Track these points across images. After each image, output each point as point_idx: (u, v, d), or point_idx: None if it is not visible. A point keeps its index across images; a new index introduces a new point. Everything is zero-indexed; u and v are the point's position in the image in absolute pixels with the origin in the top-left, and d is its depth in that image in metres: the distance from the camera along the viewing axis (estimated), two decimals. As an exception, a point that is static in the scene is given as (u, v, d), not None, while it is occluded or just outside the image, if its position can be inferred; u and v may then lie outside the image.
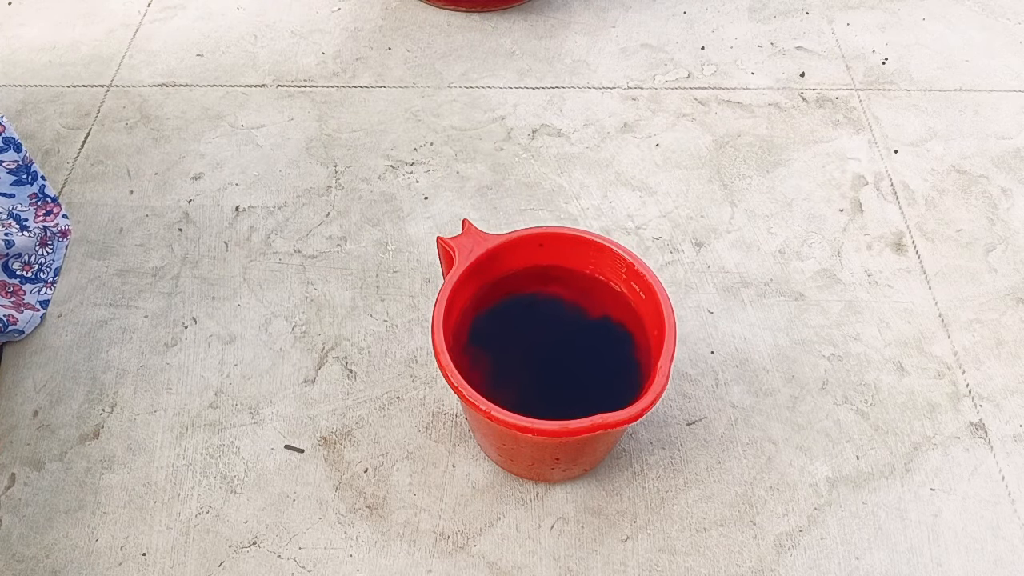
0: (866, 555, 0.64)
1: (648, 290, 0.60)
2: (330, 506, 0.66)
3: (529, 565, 0.63)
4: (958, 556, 0.64)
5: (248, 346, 0.75)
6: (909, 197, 0.88)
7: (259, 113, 0.96)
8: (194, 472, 0.68)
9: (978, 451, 0.70)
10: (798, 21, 1.07)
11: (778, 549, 0.64)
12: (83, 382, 0.73)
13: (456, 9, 1.08)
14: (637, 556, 0.64)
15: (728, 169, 0.90)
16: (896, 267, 0.82)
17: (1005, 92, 0.98)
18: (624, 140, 0.93)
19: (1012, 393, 0.73)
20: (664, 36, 1.05)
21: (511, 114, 0.95)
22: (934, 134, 0.94)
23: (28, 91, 0.98)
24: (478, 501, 0.67)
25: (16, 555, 0.64)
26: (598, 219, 0.85)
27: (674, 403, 0.72)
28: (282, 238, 0.84)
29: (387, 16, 1.08)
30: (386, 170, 0.90)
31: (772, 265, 0.82)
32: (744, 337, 0.76)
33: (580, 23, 1.07)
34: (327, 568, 0.63)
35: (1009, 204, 0.87)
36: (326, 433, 0.70)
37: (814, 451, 0.69)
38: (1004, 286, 0.81)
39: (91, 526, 0.65)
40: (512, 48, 1.04)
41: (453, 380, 0.55)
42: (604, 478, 0.68)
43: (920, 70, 1.01)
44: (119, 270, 0.81)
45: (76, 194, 0.87)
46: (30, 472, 0.68)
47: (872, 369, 0.74)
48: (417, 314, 0.78)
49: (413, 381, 0.73)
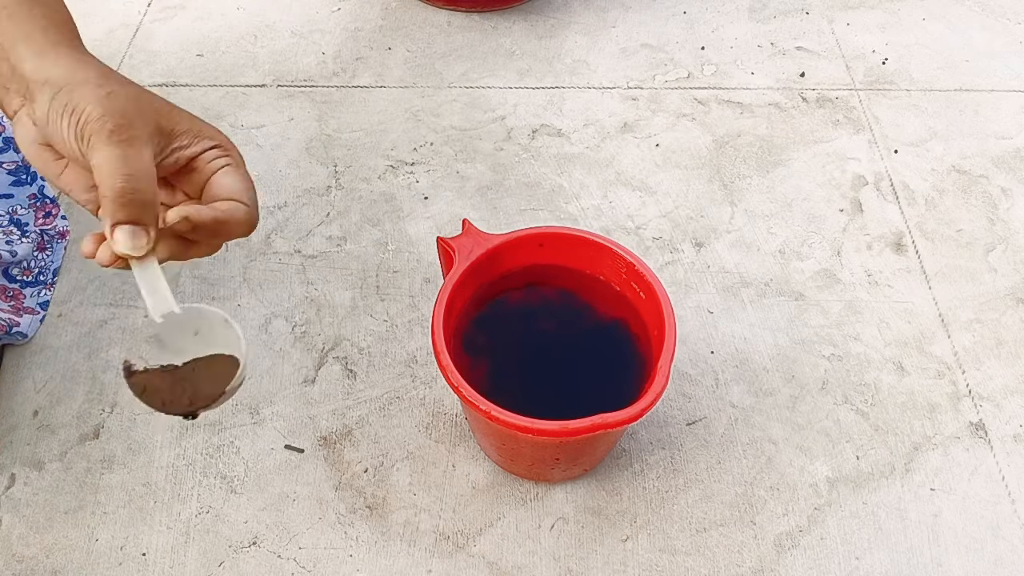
0: (866, 555, 0.64)
1: (648, 290, 0.60)
2: (330, 506, 0.66)
3: (529, 565, 0.64)
4: (958, 556, 0.64)
5: (248, 346, 0.75)
6: (909, 197, 0.88)
7: (259, 113, 0.96)
8: (194, 472, 0.68)
9: (978, 451, 0.70)
10: (798, 21, 1.07)
11: (778, 549, 0.64)
12: (83, 382, 0.73)
13: (456, 9, 1.08)
14: (637, 556, 0.64)
15: (728, 169, 0.90)
16: (896, 267, 0.82)
17: (1005, 92, 0.98)
18: (624, 140, 0.93)
19: (1012, 393, 0.73)
20: (664, 36, 1.05)
21: (511, 114, 0.96)
22: (934, 134, 0.94)
23: (28, 91, 0.98)
24: (478, 501, 0.67)
25: (16, 555, 0.64)
26: (598, 219, 0.85)
27: (674, 403, 0.72)
28: (282, 238, 0.84)
29: (387, 16, 1.08)
30: (386, 170, 0.90)
31: (772, 265, 0.82)
32: (744, 337, 0.76)
33: (580, 23, 1.07)
34: (327, 568, 0.63)
35: (1009, 204, 0.87)
36: (326, 433, 0.70)
37: (814, 451, 0.69)
38: (1004, 286, 0.81)
39: (91, 526, 0.65)
40: (512, 48, 1.04)
41: (453, 380, 0.55)
42: (604, 478, 0.68)
43: (920, 70, 1.01)
44: (119, 270, 0.81)
45: (76, 194, 0.87)
46: (30, 472, 0.68)
47: (872, 369, 0.74)
48: (417, 314, 0.78)
49: (413, 381, 0.73)
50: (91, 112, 0.39)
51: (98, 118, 0.39)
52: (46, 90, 0.40)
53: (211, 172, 0.43)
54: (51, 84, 0.40)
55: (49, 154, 0.43)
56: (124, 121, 0.39)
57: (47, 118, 0.40)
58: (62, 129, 0.40)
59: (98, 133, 0.39)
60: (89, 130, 0.39)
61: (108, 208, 0.40)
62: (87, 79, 0.40)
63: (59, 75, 0.40)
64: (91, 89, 0.40)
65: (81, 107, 0.39)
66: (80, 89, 0.40)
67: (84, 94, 0.39)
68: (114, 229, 0.40)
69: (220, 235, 0.43)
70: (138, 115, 0.40)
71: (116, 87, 0.40)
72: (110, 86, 0.40)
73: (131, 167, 0.39)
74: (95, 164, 0.39)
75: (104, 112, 0.39)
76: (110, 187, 0.39)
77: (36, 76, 0.41)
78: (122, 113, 0.39)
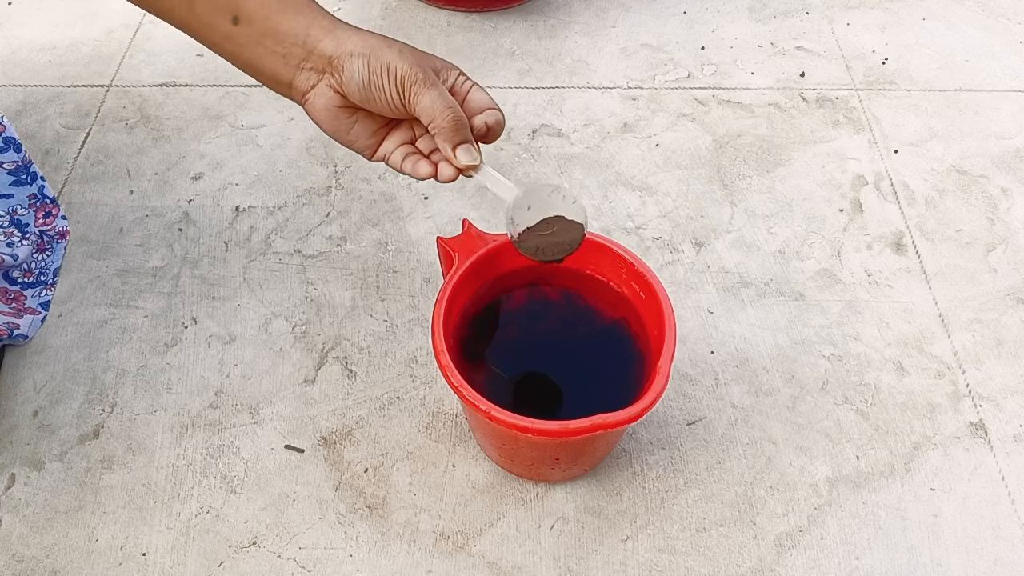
0: (866, 555, 0.64)
1: (648, 290, 0.60)
2: (330, 506, 0.66)
3: (529, 565, 0.63)
4: (958, 556, 0.64)
5: (248, 346, 0.75)
6: (909, 197, 0.88)
7: (259, 113, 0.96)
8: (194, 472, 0.68)
9: (978, 451, 0.70)
10: (798, 21, 1.07)
11: (778, 549, 0.64)
12: (83, 382, 0.73)
13: (456, 9, 1.08)
14: (637, 556, 0.64)
15: (728, 169, 0.90)
16: (896, 267, 0.82)
17: (1005, 92, 0.99)
18: (624, 140, 0.93)
19: (1012, 393, 0.73)
20: (664, 36, 1.05)
21: (511, 114, 0.95)
22: (934, 134, 0.94)
23: (28, 91, 0.98)
24: (478, 501, 0.67)
25: (16, 555, 0.64)
26: (598, 219, 0.85)
27: (674, 403, 0.72)
28: (282, 238, 0.84)
29: (387, 16, 1.08)
30: (386, 170, 0.90)
31: (772, 265, 0.82)
32: (744, 337, 0.76)
33: (580, 23, 1.07)
34: (327, 568, 0.63)
35: (1009, 204, 0.87)
36: (326, 433, 0.70)
37: (814, 451, 0.69)
38: (1004, 286, 0.81)
39: (91, 526, 0.65)
40: (512, 48, 1.04)
41: (453, 380, 0.55)
42: (604, 478, 0.68)
43: (920, 70, 1.01)
44: (119, 270, 0.81)
45: (76, 194, 0.87)
46: (30, 472, 0.68)
47: (872, 369, 0.74)
48: (417, 314, 0.78)
49: (413, 381, 0.73)
50: (402, 68, 0.48)
51: (409, 71, 0.48)
52: (357, 59, 0.49)
53: (465, 92, 0.53)
54: (358, 54, 0.49)
55: (344, 112, 0.52)
56: (423, 70, 0.49)
57: (369, 79, 0.49)
58: (385, 85, 0.49)
59: (416, 83, 0.48)
60: (408, 81, 0.48)
61: (448, 136, 0.50)
62: (379, 43, 0.49)
63: (357, 45, 0.49)
64: (387, 50, 0.49)
65: (394, 64, 0.48)
66: (381, 52, 0.48)
67: (388, 55, 0.48)
68: (455, 150, 0.51)
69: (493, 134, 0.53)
70: (424, 62, 0.50)
71: (398, 46, 0.49)
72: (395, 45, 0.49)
73: (449, 102, 0.49)
74: (424, 106, 0.49)
75: (410, 66, 0.48)
76: (445, 119, 0.49)
77: (339, 51, 0.49)
78: (418, 63, 0.49)
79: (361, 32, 0.50)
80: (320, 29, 0.50)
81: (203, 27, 0.51)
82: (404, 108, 0.50)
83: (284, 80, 0.51)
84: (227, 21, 0.50)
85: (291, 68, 0.50)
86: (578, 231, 0.56)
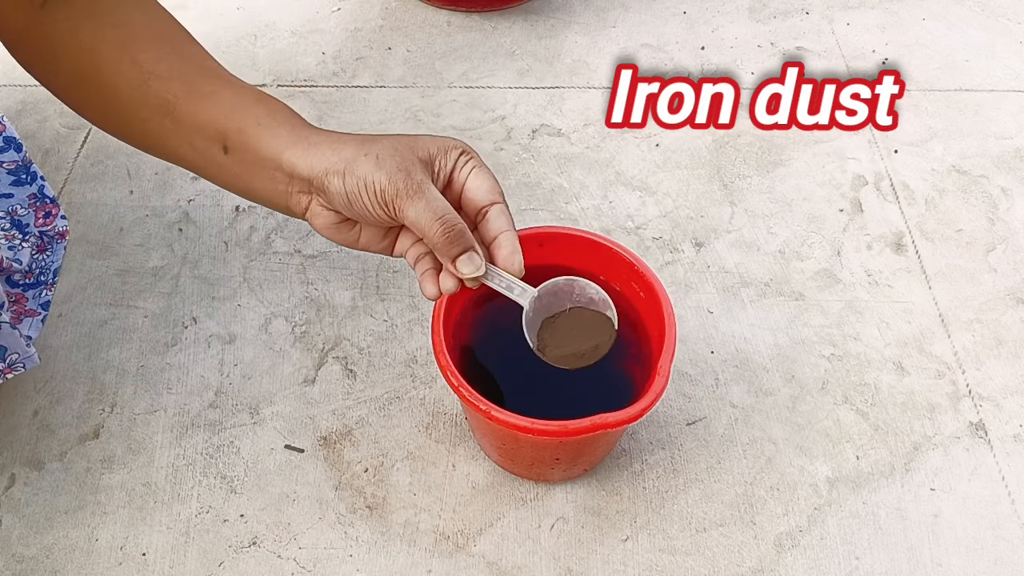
0: (866, 555, 0.64)
1: (648, 290, 0.60)
2: (330, 506, 0.66)
3: (529, 565, 0.64)
4: (958, 556, 0.64)
5: (248, 346, 0.75)
6: (909, 197, 0.88)
7: (259, 113, 0.96)
8: (194, 472, 0.68)
9: (978, 451, 0.70)
10: (798, 21, 1.07)
11: (778, 549, 0.64)
12: (83, 382, 0.73)
13: (456, 9, 1.08)
14: (637, 556, 0.64)
15: (728, 169, 0.90)
16: (896, 267, 0.82)
17: (1005, 92, 0.98)
18: (624, 140, 0.93)
19: (1012, 393, 0.73)
20: (664, 36, 1.05)
21: (511, 114, 0.96)
22: (934, 134, 0.94)
23: (28, 91, 0.98)
24: (478, 501, 0.67)
25: (16, 555, 0.64)
26: (598, 219, 0.85)
27: (674, 403, 0.72)
28: (282, 238, 0.84)
29: (387, 16, 1.08)
30: (386, 170, 0.90)
31: (772, 265, 0.82)
32: (744, 337, 0.76)
33: (580, 23, 1.07)
34: (327, 568, 0.63)
35: (1009, 204, 0.87)
36: (326, 433, 0.70)
37: (814, 451, 0.69)
38: (1004, 286, 0.81)
39: (91, 526, 0.65)
40: (512, 48, 1.04)
41: (453, 380, 0.55)
42: (604, 478, 0.68)
43: (920, 70, 1.01)
44: (119, 270, 0.81)
45: (76, 194, 0.87)
46: (30, 472, 0.68)
47: (872, 369, 0.74)
48: (417, 314, 0.78)
49: (413, 381, 0.73)
50: (380, 182, 0.45)
51: (388, 184, 0.45)
52: (334, 178, 0.46)
53: (465, 176, 0.49)
54: (333, 172, 0.46)
55: (345, 226, 0.50)
56: (404, 175, 0.45)
57: (348, 198, 0.46)
58: (366, 202, 0.46)
59: (397, 196, 0.45)
60: (388, 196, 0.45)
61: (443, 250, 0.47)
62: (354, 154, 0.46)
63: (331, 161, 0.46)
64: (362, 162, 0.45)
65: (370, 179, 0.45)
66: (355, 165, 0.45)
67: (363, 169, 0.45)
68: (454, 263, 0.48)
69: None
70: (406, 162, 0.46)
71: (374, 149, 0.46)
72: (371, 151, 0.46)
73: (439, 210, 0.46)
74: (411, 221, 0.46)
75: (387, 176, 0.45)
76: (435, 233, 0.46)
77: (314, 172, 0.46)
78: (397, 169, 0.45)
79: (336, 142, 0.47)
80: (295, 149, 0.47)
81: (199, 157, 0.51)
82: (394, 220, 0.47)
83: (280, 205, 0.50)
84: (219, 150, 0.49)
85: (281, 193, 0.49)
86: (607, 329, 0.54)
